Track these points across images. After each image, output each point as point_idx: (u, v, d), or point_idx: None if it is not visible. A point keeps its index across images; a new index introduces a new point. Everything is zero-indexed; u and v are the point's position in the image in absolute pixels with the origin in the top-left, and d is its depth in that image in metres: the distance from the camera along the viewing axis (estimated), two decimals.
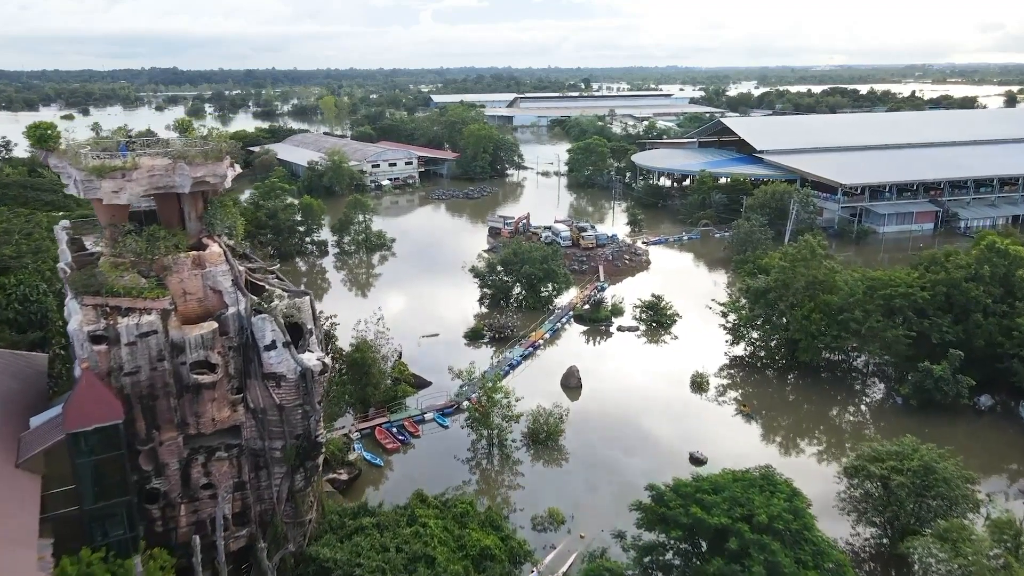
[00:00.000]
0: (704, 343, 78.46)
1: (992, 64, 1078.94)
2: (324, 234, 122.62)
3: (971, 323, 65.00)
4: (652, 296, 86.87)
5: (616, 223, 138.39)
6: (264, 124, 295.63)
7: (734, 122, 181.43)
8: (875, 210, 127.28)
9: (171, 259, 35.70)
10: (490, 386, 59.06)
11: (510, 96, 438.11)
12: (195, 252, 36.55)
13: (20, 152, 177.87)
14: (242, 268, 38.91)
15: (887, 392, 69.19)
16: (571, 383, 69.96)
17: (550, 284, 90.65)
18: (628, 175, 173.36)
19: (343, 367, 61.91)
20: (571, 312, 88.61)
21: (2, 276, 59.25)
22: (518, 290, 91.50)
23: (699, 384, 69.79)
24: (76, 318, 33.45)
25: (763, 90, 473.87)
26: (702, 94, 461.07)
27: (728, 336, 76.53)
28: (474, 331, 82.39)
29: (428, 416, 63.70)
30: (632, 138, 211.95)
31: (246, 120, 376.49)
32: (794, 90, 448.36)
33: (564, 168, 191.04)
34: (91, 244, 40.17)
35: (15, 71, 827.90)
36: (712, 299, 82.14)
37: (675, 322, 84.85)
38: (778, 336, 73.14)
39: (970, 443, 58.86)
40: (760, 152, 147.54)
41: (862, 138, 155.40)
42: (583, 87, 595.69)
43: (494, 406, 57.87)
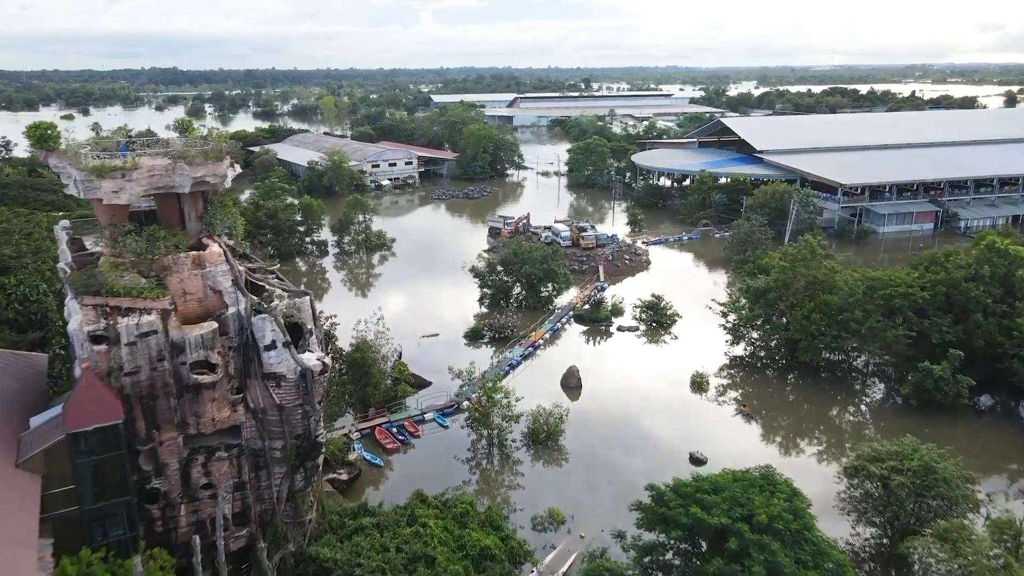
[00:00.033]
0: (704, 343, 78.47)
1: (992, 64, 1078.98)
2: (324, 234, 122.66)
3: (971, 323, 65.01)
4: (652, 296, 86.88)
5: (616, 223, 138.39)
6: (264, 124, 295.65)
7: (734, 122, 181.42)
8: (875, 210, 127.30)
9: (171, 259, 35.71)
10: (490, 386, 59.05)
11: (510, 96, 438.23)
12: (195, 252, 36.55)
13: (20, 152, 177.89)
14: (242, 268, 38.92)
15: (887, 392, 69.20)
16: (571, 383, 69.97)
17: (550, 284, 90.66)
18: (628, 175, 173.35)
19: (343, 367, 61.91)
20: (571, 312, 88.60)
21: (2, 276, 59.23)
22: (518, 290, 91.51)
23: (699, 384, 69.79)
24: (76, 318, 33.44)
25: (763, 90, 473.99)
26: (702, 94, 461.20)
27: (728, 336, 76.54)
28: (474, 331, 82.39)
29: (428, 416, 63.71)
30: (632, 138, 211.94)
31: (246, 120, 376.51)
32: (794, 90, 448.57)
33: (564, 168, 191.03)
34: (91, 244, 40.16)
35: (15, 71, 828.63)
36: (712, 299, 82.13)
37: (675, 322, 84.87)
38: (778, 336, 73.16)
39: (970, 443, 58.87)
40: (760, 152, 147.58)
41: (862, 138, 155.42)
42: (583, 87, 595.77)
43: (494, 406, 57.86)
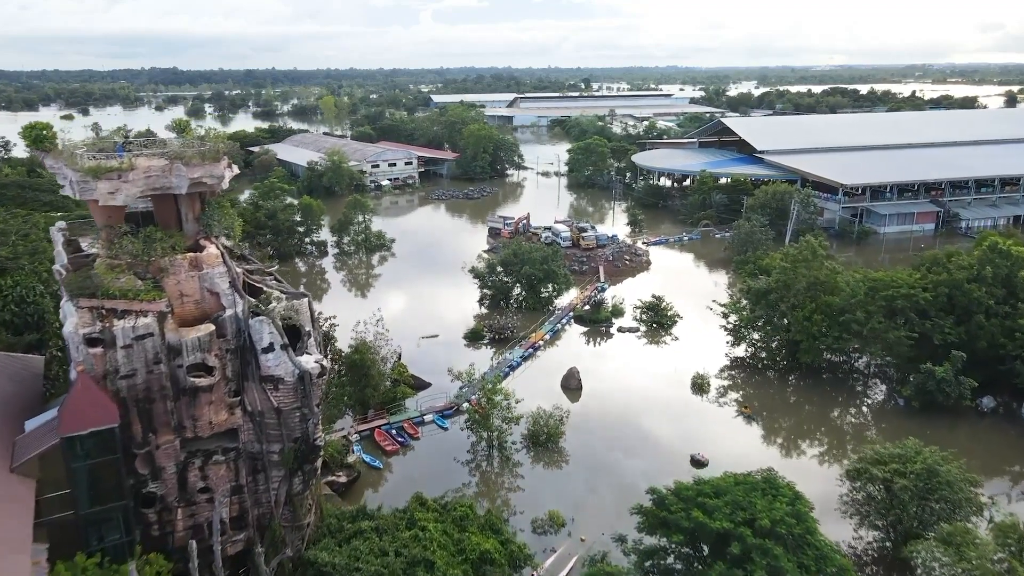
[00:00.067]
0: (705, 344, 78.16)
1: (992, 64, 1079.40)
2: (324, 234, 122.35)
3: (973, 324, 64.70)
4: (652, 297, 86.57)
5: (616, 223, 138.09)
6: (264, 124, 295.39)
7: (734, 122, 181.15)
8: (876, 210, 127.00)
9: (168, 261, 35.36)
10: (490, 387, 58.71)
11: (510, 96, 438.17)
12: (192, 254, 36.20)
13: (19, 152, 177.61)
14: (240, 270, 38.57)
15: (889, 393, 68.91)
16: (571, 384, 69.64)
17: (550, 285, 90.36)
18: (628, 175, 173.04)
19: (342, 368, 61.58)
20: (571, 313, 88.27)
21: None
22: (518, 291, 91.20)
23: (700, 385, 69.47)
24: (72, 320, 33.09)
25: (763, 90, 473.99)
26: (702, 94, 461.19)
27: (729, 337, 76.22)
28: (474, 332, 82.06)
29: (428, 418, 63.41)
30: (632, 138, 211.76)
31: (246, 120, 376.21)
32: (794, 90, 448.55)
33: (564, 168, 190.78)
34: (87, 245, 39.73)
35: (15, 71, 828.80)
36: (713, 300, 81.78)
37: (676, 323, 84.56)
38: (779, 337, 72.83)
39: (972, 445, 58.59)
40: (760, 152, 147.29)
41: (863, 138, 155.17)
42: (583, 87, 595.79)
43: (494, 408, 57.52)
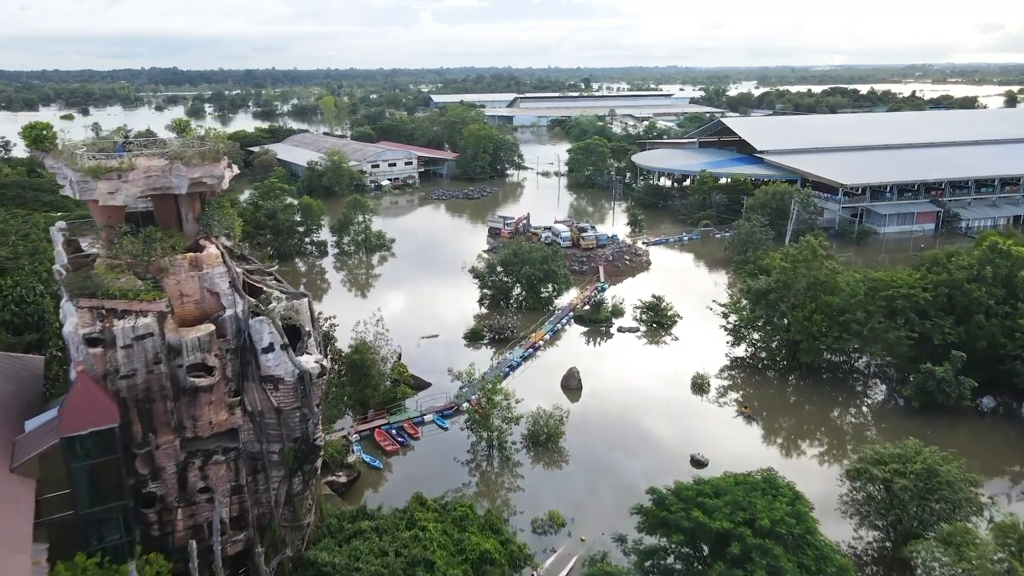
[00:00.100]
0: (705, 344, 78.14)
1: (992, 64, 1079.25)
2: (324, 234, 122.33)
3: (973, 324, 64.68)
4: (652, 297, 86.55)
5: (616, 223, 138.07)
6: (264, 124, 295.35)
7: (734, 122, 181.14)
8: (876, 210, 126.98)
9: (168, 261, 35.35)
10: (490, 387, 58.70)
11: (510, 96, 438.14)
12: (192, 254, 36.19)
13: (19, 152, 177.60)
14: (240, 270, 38.57)
15: (889, 393, 68.89)
16: (571, 384, 69.63)
17: (550, 285, 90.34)
18: (628, 175, 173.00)
19: (342, 368, 61.58)
20: (571, 313, 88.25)
21: None
22: (518, 291, 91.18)
23: (700, 385, 69.45)
24: (71, 321, 33.08)
25: (763, 90, 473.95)
26: (702, 94, 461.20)
27: (729, 337, 76.21)
28: (474, 332, 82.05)
29: (428, 418, 63.40)
30: (632, 138, 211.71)
31: (246, 120, 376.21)
32: (794, 90, 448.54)
33: (564, 168, 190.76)
34: (87, 245, 39.72)
35: (15, 71, 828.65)
36: (713, 300, 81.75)
37: (676, 323, 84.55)
38: (779, 337, 72.82)
39: (972, 445, 58.57)
40: (760, 152, 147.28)
41: (863, 138, 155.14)
42: (583, 87, 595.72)
43: (494, 408, 57.51)
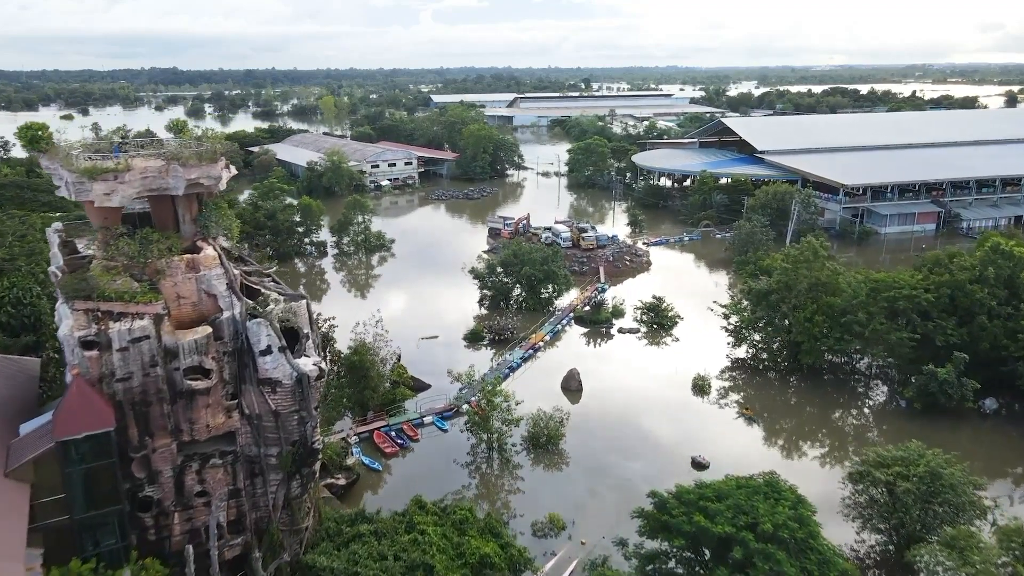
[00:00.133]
0: (706, 345, 77.80)
1: (992, 64, 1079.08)
2: (323, 235, 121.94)
3: (976, 325, 64.34)
4: (653, 297, 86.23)
5: (616, 224, 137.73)
6: (264, 124, 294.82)
7: (735, 122, 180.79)
8: (877, 211, 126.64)
9: (164, 262, 35.07)
10: (490, 389, 58.37)
11: (510, 96, 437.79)
12: (189, 255, 35.90)
13: (18, 152, 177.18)
14: (237, 271, 38.24)
15: (890, 395, 68.55)
16: (572, 386, 69.28)
17: (550, 285, 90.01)
18: (628, 175, 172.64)
19: (341, 370, 61.26)
20: (571, 314, 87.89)
21: None
22: (518, 291, 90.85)
23: (701, 387, 69.11)
24: (67, 323, 32.75)
25: (763, 90, 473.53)
26: (702, 94, 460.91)
27: (730, 338, 75.87)
28: (474, 333, 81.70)
29: (427, 420, 63.05)
30: (632, 138, 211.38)
31: (246, 120, 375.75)
32: (794, 90, 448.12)
33: (564, 168, 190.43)
34: (83, 247, 39.41)
35: (15, 71, 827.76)
36: (714, 301, 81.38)
37: (676, 324, 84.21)
38: (780, 338, 72.49)
39: (974, 447, 58.24)
40: (761, 152, 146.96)
41: (863, 138, 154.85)
42: (583, 87, 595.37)
43: (494, 409, 57.17)
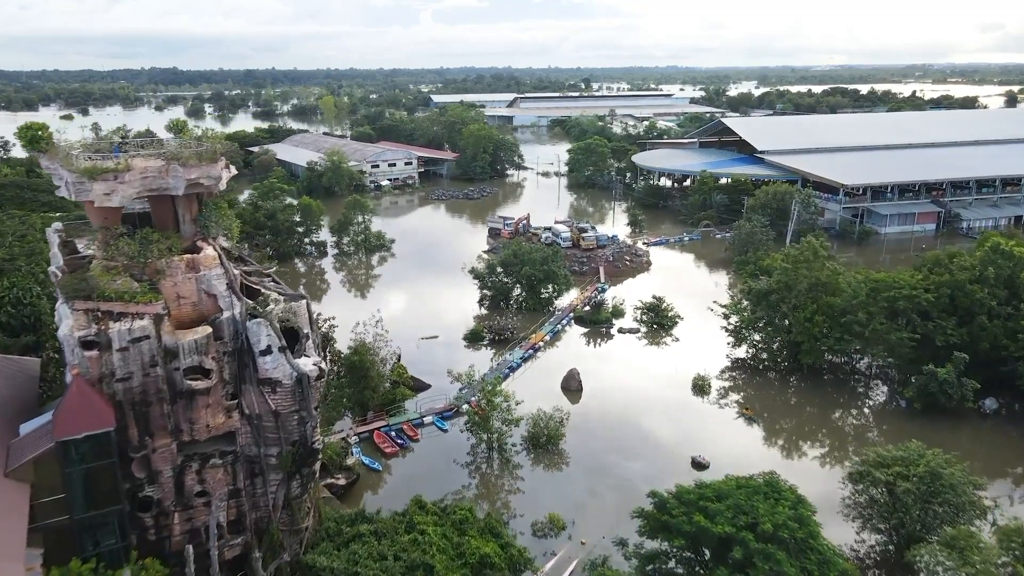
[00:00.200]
0: (706, 345, 77.79)
1: (992, 64, 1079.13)
2: (323, 235, 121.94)
3: (976, 325, 64.34)
4: (653, 297, 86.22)
5: (616, 224, 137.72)
6: (264, 124, 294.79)
7: (735, 122, 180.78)
8: (877, 211, 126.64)
9: (164, 262, 35.06)
10: (490, 389, 58.37)
11: (510, 96, 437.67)
12: (189, 255, 35.89)
13: (19, 152, 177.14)
14: (237, 271, 38.23)
15: (890, 395, 68.55)
16: (572, 386, 69.27)
17: (550, 285, 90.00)
18: (628, 175, 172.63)
19: (341, 370, 61.26)
20: (571, 314, 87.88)
21: None
22: (518, 291, 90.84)
23: (701, 387, 69.10)
24: (67, 323, 32.74)
25: (763, 90, 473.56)
26: (702, 94, 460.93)
27: (730, 338, 75.86)
28: (474, 333, 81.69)
29: (427, 420, 63.05)
30: (632, 138, 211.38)
31: (246, 120, 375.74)
32: (794, 90, 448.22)
33: (564, 168, 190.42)
34: (83, 247, 39.41)
35: (15, 71, 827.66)
36: (714, 301, 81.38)
37: (676, 324, 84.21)
38: (780, 338, 72.48)
39: (974, 447, 58.24)
40: (761, 152, 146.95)
41: (863, 138, 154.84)
42: (583, 87, 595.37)
43: (494, 409, 57.17)
